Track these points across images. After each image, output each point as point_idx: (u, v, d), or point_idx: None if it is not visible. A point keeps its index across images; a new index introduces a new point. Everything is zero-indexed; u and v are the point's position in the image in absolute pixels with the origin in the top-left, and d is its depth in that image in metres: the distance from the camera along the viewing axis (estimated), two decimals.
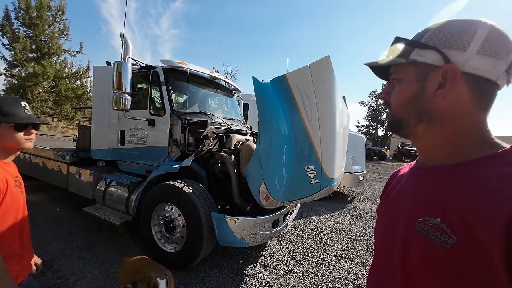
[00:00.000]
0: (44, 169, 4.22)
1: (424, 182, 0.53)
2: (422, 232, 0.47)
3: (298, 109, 2.12)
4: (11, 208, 1.02)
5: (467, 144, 0.48)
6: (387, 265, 0.55)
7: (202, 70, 3.48)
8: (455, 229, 0.42)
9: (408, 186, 0.59)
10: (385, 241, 0.58)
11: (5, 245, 0.99)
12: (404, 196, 0.57)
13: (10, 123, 0.99)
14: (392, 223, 0.57)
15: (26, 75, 13.89)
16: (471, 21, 0.47)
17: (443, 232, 0.44)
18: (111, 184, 3.31)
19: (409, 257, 0.49)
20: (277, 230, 2.76)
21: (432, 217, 0.46)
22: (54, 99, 16.27)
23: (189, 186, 2.53)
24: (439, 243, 0.44)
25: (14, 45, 13.64)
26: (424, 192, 0.52)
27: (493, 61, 0.44)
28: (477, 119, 0.48)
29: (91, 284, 2.28)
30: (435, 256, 0.44)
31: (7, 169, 1.04)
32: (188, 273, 2.54)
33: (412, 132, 0.54)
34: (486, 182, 0.43)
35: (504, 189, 0.40)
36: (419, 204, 0.51)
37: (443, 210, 0.46)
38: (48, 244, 2.94)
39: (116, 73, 2.54)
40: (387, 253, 0.56)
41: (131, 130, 3.26)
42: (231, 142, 3.03)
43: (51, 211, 3.98)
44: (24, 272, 1.11)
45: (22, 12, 13.89)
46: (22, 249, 1.11)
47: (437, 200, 0.48)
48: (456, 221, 0.43)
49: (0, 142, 1.01)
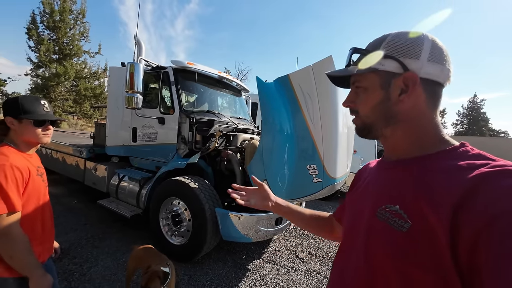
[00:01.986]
0: (64, 163, 4.49)
1: (388, 174, 0.59)
2: (383, 219, 0.52)
3: (301, 109, 2.16)
4: (33, 195, 1.13)
5: (424, 140, 0.54)
6: (351, 253, 0.60)
7: (211, 70, 3.58)
8: (411, 214, 0.47)
9: (374, 179, 0.64)
10: (351, 231, 0.63)
11: (29, 228, 1.10)
12: (370, 188, 0.62)
13: (30, 119, 1.10)
14: (358, 214, 0.61)
15: (49, 75, 14.72)
16: (416, 32, 0.53)
17: (401, 217, 0.48)
18: (124, 178, 3.48)
19: (371, 242, 0.54)
20: (280, 227, 2.80)
21: (392, 205, 0.51)
22: (74, 98, 17.12)
23: (195, 182, 2.63)
24: (397, 227, 0.48)
25: (39, 47, 14.49)
26: (387, 183, 0.57)
27: (440, 67, 0.52)
28: (431, 117, 0.54)
29: (103, 272, 2.43)
30: (393, 239, 0.49)
31: (29, 160, 1.16)
32: (193, 265, 2.64)
33: (381, 134, 0.59)
34: (438, 173, 0.48)
35: (451, 179, 0.45)
36: (382, 194, 0.56)
37: (402, 197, 0.51)
38: (66, 233, 3.15)
39: (129, 74, 2.68)
40: (352, 242, 0.61)
41: (143, 128, 3.41)
42: (237, 140, 3.10)
43: (69, 203, 4.24)
44: (44, 254, 1.22)
45: (47, 16, 14.72)
46: (43, 233, 1.22)
47: (397, 189, 0.53)
48: (412, 207, 0.48)
49: (22, 137, 1.13)
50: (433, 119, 0.54)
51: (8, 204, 1.00)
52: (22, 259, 1.04)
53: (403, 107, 0.54)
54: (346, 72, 0.60)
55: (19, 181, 1.04)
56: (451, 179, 0.45)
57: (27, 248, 1.05)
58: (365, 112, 0.59)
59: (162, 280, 1.66)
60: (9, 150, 1.09)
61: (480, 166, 0.44)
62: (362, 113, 0.60)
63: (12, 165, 1.03)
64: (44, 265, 1.20)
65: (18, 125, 1.11)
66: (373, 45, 0.57)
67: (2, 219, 0.99)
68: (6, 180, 0.99)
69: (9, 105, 1.12)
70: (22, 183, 1.06)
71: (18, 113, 1.09)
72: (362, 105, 0.59)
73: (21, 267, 1.05)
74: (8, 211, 1.00)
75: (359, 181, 0.73)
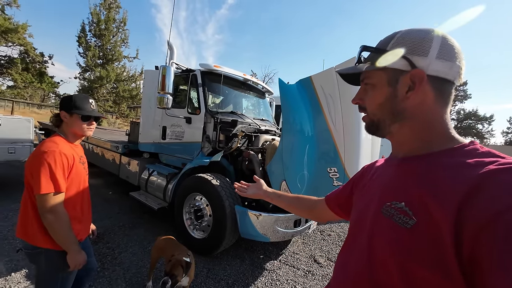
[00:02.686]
0: (103, 157, 4.96)
1: (394, 171, 0.59)
2: (388, 215, 0.52)
3: (322, 110, 2.14)
4: (75, 179, 1.31)
5: (432, 137, 0.54)
6: (355, 248, 0.61)
7: (236, 72, 3.70)
8: (416, 211, 0.48)
9: (380, 175, 0.64)
10: (356, 226, 0.64)
11: (70, 208, 1.27)
12: (376, 184, 0.63)
13: (78, 114, 1.29)
14: (363, 209, 0.62)
15: (94, 78, 16.33)
16: (427, 30, 0.53)
17: (406, 214, 0.49)
18: (153, 173, 3.74)
19: (375, 239, 0.54)
20: (299, 230, 2.79)
21: (397, 202, 0.52)
22: (114, 99, 18.73)
23: (217, 180, 2.74)
24: (401, 224, 0.49)
25: (86, 53, 16.16)
26: (393, 180, 0.57)
27: (450, 64, 0.51)
28: (440, 115, 0.54)
29: (131, 257, 2.65)
30: (397, 235, 0.49)
31: (75, 149, 1.35)
32: (212, 259, 2.74)
33: (388, 131, 0.59)
34: (444, 170, 0.48)
35: (457, 176, 0.45)
36: (388, 190, 0.57)
37: (408, 194, 0.51)
38: (102, 220, 3.48)
39: (161, 76, 2.91)
40: (356, 237, 0.62)
41: (171, 127, 3.65)
42: (259, 141, 3.17)
43: (106, 194, 4.67)
44: (82, 233, 1.39)
45: (94, 25, 16.40)
46: (82, 215, 1.39)
47: (403, 186, 0.53)
48: (417, 204, 0.48)
49: (71, 129, 1.33)
50: (442, 116, 0.54)
51: (55, 184, 1.16)
52: (63, 234, 1.20)
53: (410, 104, 0.54)
54: (355, 70, 0.61)
55: (65, 166, 1.21)
56: (457, 176, 0.45)
57: (68, 225, 1.21)
58: (372, 109, 0.60)
59: (185, 269, 1.77)
60: (59, 140, 1.28)
61: (488, 163, 0.43)
62: (369, 109, 0.61)
63: (61, 152, 1.20)
64: (81, 243, 1.36)
65: (69, 118, 1.30)
66: (382, 43, 0.57)
67: (49, 197, 1.15)
68: (55, 164, 1.17)
69: (64, 101, 1.32)
70: (67, 168, 1.23)
71: (70, 108, 1.29)
72: (369, 102, 0.60)
73: (61, 241, 1.20)
74: (55, 191, 1.16)
75: (363, 177, 0.73)
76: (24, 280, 2.13)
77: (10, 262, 2.34)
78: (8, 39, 11.67)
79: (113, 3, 16.86)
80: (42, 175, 1.14)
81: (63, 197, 1.21)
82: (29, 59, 13.16)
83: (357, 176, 0.79)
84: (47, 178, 1.14)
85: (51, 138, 1.28)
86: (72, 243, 1.22)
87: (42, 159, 1.15)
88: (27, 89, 16.96)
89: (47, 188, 1.14)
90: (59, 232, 1.18)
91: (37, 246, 1.22)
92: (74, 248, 1.23)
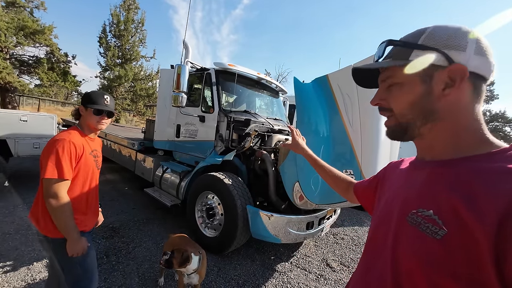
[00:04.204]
0: (120, 154, 5.13)
1: (421, 175, 0.54)
2: (414, 224, 0.48)
3: (339, 110, 2.07)
4: (83, 170, 1.34)
5: (467, 140, 0.49)
6: (378, 256, 0.56)
7: (250, 71, 3.68)
8: (447, 220, 0.43)
9: (406, 179, 0.59)
10: (378, 232, 0.59)
11: (75, 197, 1.30)
12: (401, 189, 0.58)
13: (91, 108, 1.34)
14: (386, 215, 0.58)
15: (113, 77, 16.95)
16: (459, 25, 0.50)
17: (435, 223, 0.45)
18: (167, 171, 3.81)
19: (400, 248, 0.50)
20: (311, 232, 2.72)
21: (425, 209, 0.47)
22: (131, 97, 19.35)
23: (229, 179, 2.74)
24: (430, 234, 0.45)
25: (107, 53, 16.80)
26: (420, 185, 0.52)
27: (487, 60, 0.48)
28: (475, 114, 0.49)
29: (145, 252, 2.70)
30: (425, 246, 0.45)
31: (88, 141, 1.39)
32: (223, 258, 2.74)
33: (418, 133, 0.54)
34: (482, 177, 0.43)
35: (498, 184, 0.40)
36: (413, 196, 0.52)
37: (436, 202, 0.46)
38: (118, 214, 3.59)
39: (176, 75, 2.93)
40: (377, 245, 0.57)
41: (186, 125, 3.69)
42: (271, 141, 3.12)
43: (122, 189, 4.83)
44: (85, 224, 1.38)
45: (114, 26, 17.00)
46: (87, 206, 1.41)
47: (431, 192, 0.49)
48: (448, 212, 0.44)
49: (86, 121, 1.38)
50: (477, 117, 0.49)
51: (60, 171, 1.19)
52: (63, 220, 1.21)
53: (445, 103, 0.49)
54: (379, 65, 0.55)
55: (73, 154, 1.25)
56: (498, 184, 0.40)
57: (69, 213, 1.23)
58: (401, 110, 0.54)
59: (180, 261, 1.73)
60: (73, 131, 1.34)
61: None
62: (397, 110, 0.54)
63: (70, 141, 1.24)
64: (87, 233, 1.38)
65: (85, 112, 1.37)
66: (412, 36, 0.52)
67: (53, 182, 1.18)
68: (62, 151, 1.20)
69: (84, 97, 1.39)
70: (75, 157, 1.27)
71: (87, 102, 1.35)
72: (397, 102, 0.54)
73: (61, 227, 1.22)
74: (58, 177, 1.19)
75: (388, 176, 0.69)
76: (45, 270, 2.23)
77: (33, 251, 2.47)
78: (35, 40, 12.37)
79: (132, 4, 17.40)
80: (49, 161, 1.18)
81: (67, 184, 1.24)
82: (54, 59, 13.88)
83: (381, 173, 0.75)
84: (53, 164, 1.18)
85: (68, 129, 1.34)
86: (71, 230, 1.23)
87: (52, 146, 1.21)
88: (52, 88, 17.93)
89: (52, 173, 1.17)
90: (59, 218, 1.21)
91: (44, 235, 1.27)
92: (73, 236, 1.24)
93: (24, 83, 12.85)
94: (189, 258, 1.72)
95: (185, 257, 1.71)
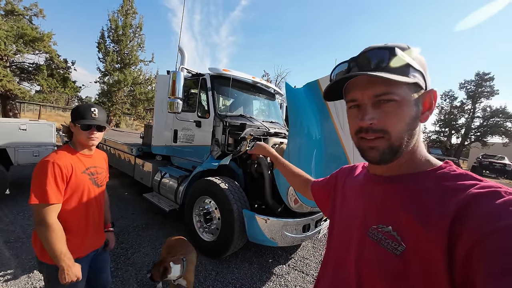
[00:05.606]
0: (119, 159, 5.17)
1: (379, 190, 0.56)
2: (375, 239, 0.50)
3: (330, 114, 2.10)
4: (77, 191, 1.25)
5: (418, 157, 0.53)
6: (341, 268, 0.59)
7: (245, 75, 3.71)
8: (405, 236, 0.46)
9: (361, 192, 0.61)
10: (340, 242, 0.62)
11: (72, 221, 1.23)
12: (359, 201, 0.60)
13: (78, 124, 1.26)
14: (347, 227, 0.61)
15: (113, 82, 17.05)
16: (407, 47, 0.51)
17: (394, 239, 0.47)
18: (165, 176, 3.84)
19: (363, 262, 0.53)
20: (308, 235, 2.74)
21: (384, 225, 0.50)
22: (131, 101, 19.44)
23: (225, 183, 2.76)
24: (390, 250, 0.47)
25: (105, 58, 16.90)
26: (378, 200, 0.55)
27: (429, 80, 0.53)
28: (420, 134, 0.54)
29: (144, 258, 2.73)
30: (385, 262, 0.48)
31: (81, 159, 1.30)
32: (221, 262, 2.77)
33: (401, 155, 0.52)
34: (430, 194, 0.47)
35: (444, 200, 0.44)
36: (373, 211, 0.55)
37: (395, 218, 0.49)
38: (117, 220, 3.62)
39: (171, 81, 2.97)
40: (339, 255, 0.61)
41: (182, 130, 3.72)
42: (267, 144, 3.15)
43: (122, 194, 4.87)
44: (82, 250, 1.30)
45: (112, 31, 17.10)
46: (86, 228, 1.32)
47: (389, 208, 0.51)
48: (405, 229, 0.46)
49: (77, 138, 1.31)
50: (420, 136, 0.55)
51: (44, 196, 1.11)
52: (53, 247, 1.12)
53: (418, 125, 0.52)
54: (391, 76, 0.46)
55: (58, 176, 1.15)
56: (444, 200, 0.44)
57: (59, 239, 1.13)
58: (398, 131, 0.49)
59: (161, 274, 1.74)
60: (64, 150, 1.27)
61: (470, 186, 0.43)
62: (394, 132, 0.49)
63: (54, 162, 1.15)
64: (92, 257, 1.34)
65: (74, 128, 1.29)
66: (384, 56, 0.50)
67: (40, 208, 1.12)
68: (46, 175, 1.13)
69: (72, 113, 1.32)
70: (62, 179, 1.17)
71: (75, 118, 1.28)
72: (394, 123, 0.49)
73: (51, 254, 1.14)
74: (43, 202, 1.11)
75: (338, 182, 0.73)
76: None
77: (34, 259, 2.50)
78: (35, 47, 12.47)
79: (129, 9, 17.51)
80: (34, 185, 1.12)
81: (56, 208, 1.17)
82: (53, 66, 13.98)
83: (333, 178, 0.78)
84: (37, 189, 1.12)
85: (59, 148, 1.29)
86: (62, 258, 1.14)
87: (37, 170, 1.15)
88: (53, 94, 18.04)
89: (37, 198, 1.11)
90: (49, 244, 1.12)
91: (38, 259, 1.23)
92: (65, 263, 1.14)
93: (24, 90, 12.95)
94: (167, 269, 1.75)
95: (162, 270, 1.74)
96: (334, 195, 0.73)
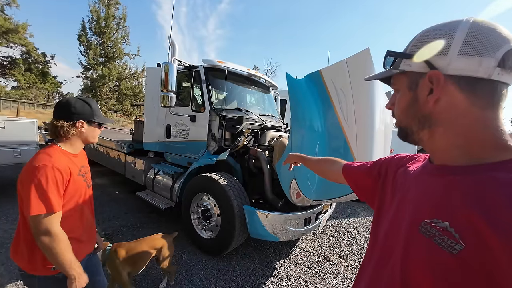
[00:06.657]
0: (108, 157, 4.95)
1: (433, 181, 0.51)
2: (427, 235, 0.45)
3: (333, 106, 2.05)
4: (74, 195, 1.18)
5: (476, 145, 0.47)
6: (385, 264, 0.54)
7: (240, 67, 3.59)
8: (464, 235, 0.41)
9: (417, 182, 0.56)
10: (387, 238, 0.57)
11: (69, 227, 1.14)
12: (412, 192, 0.55)
13: (97, 122, 1.22)
14: (395, 221, 0.56)
15: (96, 77, 16.32)
16: (450, 23, 0.48)
17: (451, 236, 0.42)
18: (159, 173, 3.70)
19: (411, 259, 0.48)
20: (309, 228, 2.73)
21: (440, 220, 0.45)
22: (117, 97, 18.75)
23: (224, 179, 2.68)
24: (445, 247, 0.42)
25: (88, 51, 16.11)
26: (433, 192, 0.49)
27: (478, 60, 0.43)
28: (482, 119, 0.46)
29: None
30: (438, 260, 0.43)
31: (73, 160, 1.20)
32: (222, 259, 2.71)
33: (418, 138, 0.55)
34: (499, 188, 0.40)
35: None
36: (426, 204, 0.49)
37: (453, 214, 0.44)
38: (110, 220, 3.48)
39: (163, 73, 2.82)
40: (385, 251, 0.56)
41: (176, 125, 3.58)
42: (265, 138, 3.08)
43: (113, 193, 4.67)
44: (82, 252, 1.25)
45: (94, 22, 16.27)
46: (83, 232, 1.26)
47: (447, 203, 0.46)
48: (466, 227, 0.41)
49: (85, 137, 1.22)
50: (486, 121, 0.46)
51: (48, 204, 1.03)
52: (62, 257, 1.06)
53: (434, 108, 0.49)
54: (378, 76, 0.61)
55: (59, 182, 1.08)
56: None
57: (67, 247, 1.08)
58: (398, 115, 0.59)
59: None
60: (54, 151, 1.14)
61: None
62: (396, 115, 0.60)
63: (54, 166, 1.06)
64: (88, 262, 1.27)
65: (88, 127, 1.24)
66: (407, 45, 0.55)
67: (42, 218, 1.02)
68: (46, 181, 1.03)
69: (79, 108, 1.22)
70: (63, 184, 1.10)
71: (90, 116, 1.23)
72: (396, 108, 0.59)
73: (60, 265, 1.07)
74: (47, 212, 1.03)
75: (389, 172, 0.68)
76: None
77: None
78: (9, 39, 11.65)
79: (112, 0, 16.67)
80: (32, 194, 1.01)
81: (59, 216, 1.08)
82: (31, 60, 13.16)
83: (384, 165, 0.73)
84: (37, 198, 1.01)
85: (46, 149, 1.14)
86: (73, 267, 1.08)
87: (32, 176, 1.03)
88: (32, 90, 17.05)
89: (38, 209, 1.01)
90: (57, 255, 1.05)
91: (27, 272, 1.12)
92: (76, 272, 1.09)
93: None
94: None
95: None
96: (383, 186, 0.68)
